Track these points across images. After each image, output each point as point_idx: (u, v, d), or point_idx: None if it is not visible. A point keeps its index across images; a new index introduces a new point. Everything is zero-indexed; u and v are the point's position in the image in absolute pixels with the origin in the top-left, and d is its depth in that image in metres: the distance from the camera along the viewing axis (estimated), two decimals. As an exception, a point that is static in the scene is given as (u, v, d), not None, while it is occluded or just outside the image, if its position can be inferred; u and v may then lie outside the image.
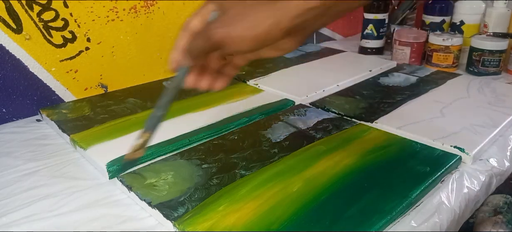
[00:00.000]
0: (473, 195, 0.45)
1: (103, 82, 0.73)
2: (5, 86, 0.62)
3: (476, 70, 0.82)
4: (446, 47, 0.84)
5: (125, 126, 0.58)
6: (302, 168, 0.46)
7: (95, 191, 0.45)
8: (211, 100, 0.66)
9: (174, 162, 0.48)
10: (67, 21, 0.65)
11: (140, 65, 0.77)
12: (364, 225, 0.37)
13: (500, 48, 0.80)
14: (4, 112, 0.63)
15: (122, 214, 0.41)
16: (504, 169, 0.51)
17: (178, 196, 0.41)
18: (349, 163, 0.47)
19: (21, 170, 0.49)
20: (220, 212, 0.39)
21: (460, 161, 0.49)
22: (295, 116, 0.60)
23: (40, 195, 0.44)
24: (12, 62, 0.61)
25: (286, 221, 0.37)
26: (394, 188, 0.42)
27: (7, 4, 0.59)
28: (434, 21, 0.96)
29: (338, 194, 0.41)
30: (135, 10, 0.73)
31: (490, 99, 0.65)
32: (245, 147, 0.51)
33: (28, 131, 0.60)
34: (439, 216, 0.40)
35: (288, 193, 0.41)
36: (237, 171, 0.46)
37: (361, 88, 0.72)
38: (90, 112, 0.62)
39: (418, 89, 0.71)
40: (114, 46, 0.72)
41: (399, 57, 0.91)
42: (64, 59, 0.67)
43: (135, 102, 0.66)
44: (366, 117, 0.59)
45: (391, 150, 0.50)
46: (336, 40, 1.20)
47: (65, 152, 0.54)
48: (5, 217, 0.40)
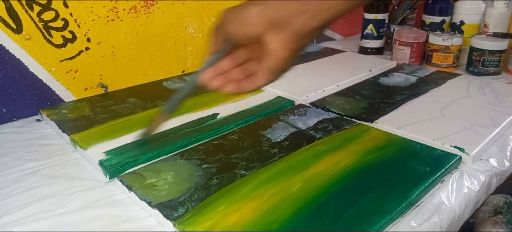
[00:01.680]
0: (473, 195, 0.45)
1: (103, 82, 0.73)
2: (5, 86, 0.62)
3: (476, 70, 0.82)
4: (446, 47, 0.84)
5: (125, 126, 0.58)
6: (302, 168, 0.46)
7: (95, 191, 0.45)
8: (211, 100, 0.67)
9: (174, 162, 0.48)
10: (67, 21, 0.65)
11: (140, 65, 0.77)
12: (364, 225, 0.37)
13: (500, 48, 0.80)
14: (4, 112, 0.63)
15: (122, 214, 0.41)
16: (504, 169, 0.51)
17: (178, 196, 0.41)
18: (349, 163, 0.47)
19: (21, 170, 0.49)
20: (220, 212, 0.39)
21: (460, 161, 0.49)
22: (295, 115, 0.60)
23: (40, 195, 0.44)
24: (12, 62, 0.62)
25: (286, 221, 0.37)
26: (394, 188, 0.42)
27: (7, 4, 0.59)
28: (434, 21, 0.96)
29: (338, 194, 0.41)
30: (135, 10, 0.73)
31: (490, 99, 0.65)
32: (245, 147, 0.51)
33: (28, 131, 0.60)
34: (439, 216, 0.40)
35: (288, 193, 0.41)
36: (237, 171, 0.46)
37: (361, 88, 0.72)
38: (90, 112, 0.62)
39: (418, 89, 0.71)
40: (114, 46, 0.72)
41: (399, 57, 0.91)
42: (64, 59, 0.67)
43: (135, 102, 0.66)
44: (366, 117, 0.59)
45: (391, 150, 0.50)
46: (336, 40, 1.20)
47: (65, 152, 0.54)
48: (5, 217, 0.40)
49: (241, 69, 0.42)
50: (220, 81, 0.41)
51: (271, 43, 0.36)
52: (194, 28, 0.83)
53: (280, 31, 0.36)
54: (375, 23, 0.98)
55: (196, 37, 0.84)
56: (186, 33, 0.82)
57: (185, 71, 0.84)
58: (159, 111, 0.42)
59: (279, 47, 0.36)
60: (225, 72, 0.42)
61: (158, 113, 0.43)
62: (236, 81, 0.41)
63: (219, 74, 0.42)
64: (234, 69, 0.42)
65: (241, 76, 0.42)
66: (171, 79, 0.78)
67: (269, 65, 0.38)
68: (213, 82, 0.41)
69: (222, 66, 0.42)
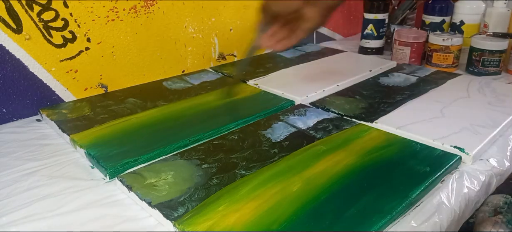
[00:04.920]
0: (473, 195, 0.45)
1: (103, 82, 0.73)
2: (5, 86, 0.62)
3: (476, 70, 0.82)
4: (446, 47, 0.84)
5: (125, 126, 0.58)
6: (302, 168, 0.46)
7: (95, 191, 0.45)
8: (211, 100, 0.67)
9: (174, 162, 0.48)
10: (67, 21, 0.65)
11: (140, 65, 0.77)
12: (364, 225, 0.37)
13: (500, 48, 0.80)
14: (4, 112, 0.63)
15: (122, 214, 0.41)
16: (504, 169, 0.51)
17: (178, 196, 0.41)
18: (349, 163, 0.47)
19: (21, 170, 0.49)
20: (220, 212, 0.39)
21: (460, 161, 0.49)
22: (295, 115, 0.60)
23: (40, 195, 0.44)
24: (12, 62, 0.62)
25: (286, 221, 0.37)
26: (394, 188, 0.42)
27: (7, 4, 0.59)
28: (434, 21, 0.96)
29: (338, 194, 0.41)
30: (135, 10, 0.73)
31: (490, 99, 0.65)
32: (245, 147, 0.51)
33: (28, 131, 0.60)
34: (439, 216, 0.40)
35: (288, 193, 0.41)
36: (237, 171, 0.46)
37: (361, 88, 0.72)
38: (90, 112, 0.62)
39: (418, 89, 0.71)
40: (114, 46, 0.72)
41: (399, 57, 0.91)
42: (64, 59, 0.67)
43: (135, 102, 0.66)
44: (366, 117, 0.59)
45: (391, 150, 0.50)
46: (336, 40, 1.20)
47: (65, 152, 0.54)
48: (5, 217, 0.40)
49: (285, 29, 0.55)
50: (272, 41, 0.56)
51: (309, 13, 0.51)
52: (194, 28, 0.83)
53: (314, 5, 0.51)
54: (375, 23, 0.98)
55: (196, 37, 0.84)
56: (186, 33, 0.82)
57: (185, 71, 0.84)
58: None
59: (315, 16, 0.51)
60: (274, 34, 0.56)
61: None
62: (282, 39, 0.55)
63: (271, 36, 0.56)
64: (279, 30, 0.55)
65: (285, 35, 0.55)
66: (171, 79, 0.78)
67: (307, 27, 0.53)
68: (268, 42, 0.56)
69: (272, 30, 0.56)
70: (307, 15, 0.51)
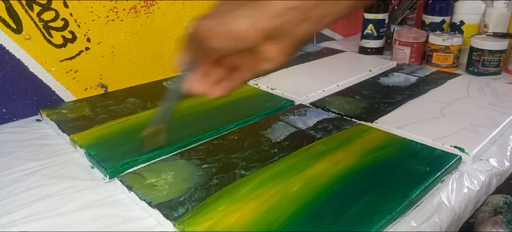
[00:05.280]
0: (473, 195, 0.45)
1: (103, 82, 0.73)
2: (5, 86, 0.62)
3: (476, 70, 0.82)
4: (446, 47, 0.84)
5: (125, 126, 0.58)
6: (302, 168, 0.46)
7: (95, 191, 0.45)
8: (211, 100, 0.66)
9: (174, 162, 0.48)
10: (67, 21, 0.65)
11: (140, 65, 0.77)
12: (364, 225, 0.37)
13: (500, 48, 0.80)
14: (4, 112, 0.63)
15: (122, 214, 0.41)
16: (504, 169, 0.51)
17: (178, 196, 0.41)
18: (349, 163, 0.47)
19: (21, 170, 0.49)
20: (220, 212, 0.39)
21: (460, 161, 0.49)
22: (295, 115, 0.60)
23: (40, 195, 0.44)
24: (12, 62, 0.61)
25: (286, 221, 0.37)
26: (394, 188, 0.42)
27: (7, 4, 0.59)
28: (434, 21, 0.96)
29: (338, 194, 0.41)
30: (135, 10, 0.73)
31: (490, 99, 0.65)
32: (245, 147, 0.51)
33: (28, 131, 0.60)
34: (439, 216, 0.40)
35: (288, 193, 0.41)
36: (237, 171, 0.46)
37: (361, 88, 0.72)
38: (90, 112, 0.62)
39: (418, 89, 0.71)
40: (114, 46, 0.72)
41: (399, 57, 0.91)
42: (64, 59, 0.67)
43: (135, 102, 0.66)
44: (366, 117, 0.59)
45: (391, 150, 0.50)
46: (336, 40, 1.20)
47: (65, 152, 0.54)
48: (5, 217, 0.40)
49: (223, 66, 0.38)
50: (205, 85, 0.38)
51: (269, 52, 0.33)
52: (194, 28, 0.83)
53: (279, 41, 0.32)
54: (375, 23, 0.98)
55: (196, 37, 0.84)
56: (186, 33, 0.82)
57: (185, 71, 0.84)
58: (150, 125, 0.43)
59: (278, 55, 0.33)
60: (207, 74, 0.38)
61: (149, 128, 0.45)
62: (220, 81, 0.38)
63: (202, 77, 0.38)
64: (216, 69, 0.38)
65: (223, 74, 0.38)
66: (171, 79, 0.78)
67: (264, 68, 0.35)
68: (198, 87, 0.39)
69: (204, 69, 0.38)
70: (267, 53, 0.33)
